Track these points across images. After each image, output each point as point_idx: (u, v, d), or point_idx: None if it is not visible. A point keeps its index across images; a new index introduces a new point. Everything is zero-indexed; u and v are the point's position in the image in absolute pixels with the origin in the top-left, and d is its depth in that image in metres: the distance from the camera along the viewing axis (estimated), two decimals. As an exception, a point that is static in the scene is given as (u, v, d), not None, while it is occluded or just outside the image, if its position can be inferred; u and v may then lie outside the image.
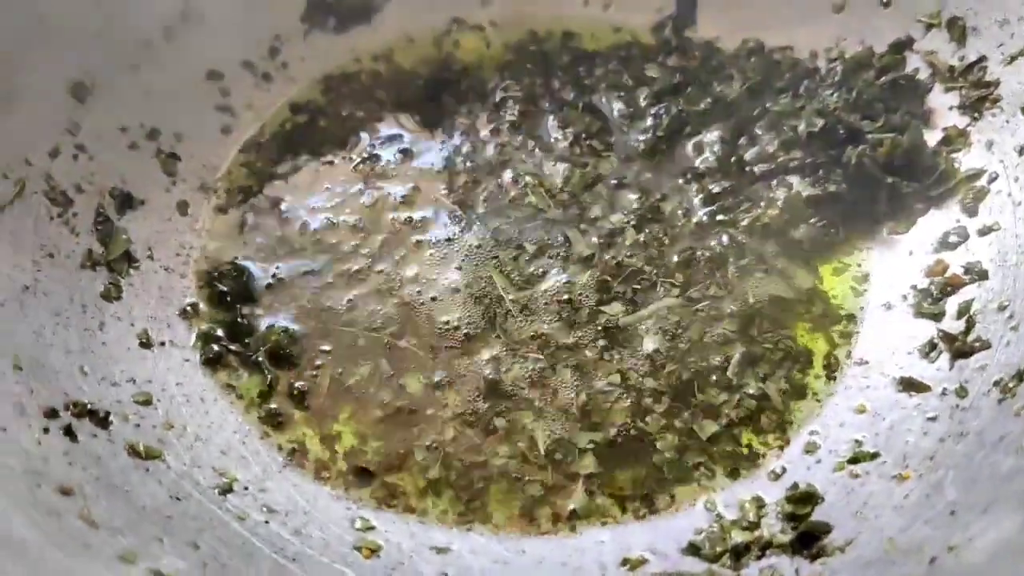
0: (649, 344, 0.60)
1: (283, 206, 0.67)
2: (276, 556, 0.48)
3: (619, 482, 0.55)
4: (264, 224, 0.66)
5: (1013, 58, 0.61)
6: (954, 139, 0.63)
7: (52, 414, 0.49)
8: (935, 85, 0.66)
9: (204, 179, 0.68)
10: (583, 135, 0.71)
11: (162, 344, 0.59)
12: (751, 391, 0.58)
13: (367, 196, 0.68)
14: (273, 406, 0.58)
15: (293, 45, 0.75)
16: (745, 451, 0.56)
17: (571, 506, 0.54)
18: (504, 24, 0.78)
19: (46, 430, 0.48)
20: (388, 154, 0.70)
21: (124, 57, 0.67)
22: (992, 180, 0.60)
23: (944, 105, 0.65)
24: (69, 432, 0.49)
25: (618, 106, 0.72)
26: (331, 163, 0.70)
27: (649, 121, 0.71)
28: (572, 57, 0.76)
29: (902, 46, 0.68)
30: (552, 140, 0.71)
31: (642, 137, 0.70)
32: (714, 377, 0.58)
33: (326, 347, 0.60)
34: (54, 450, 0.47)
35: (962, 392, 0.53)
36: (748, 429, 0.56)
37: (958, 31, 0.65)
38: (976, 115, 0.63)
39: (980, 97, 0.63)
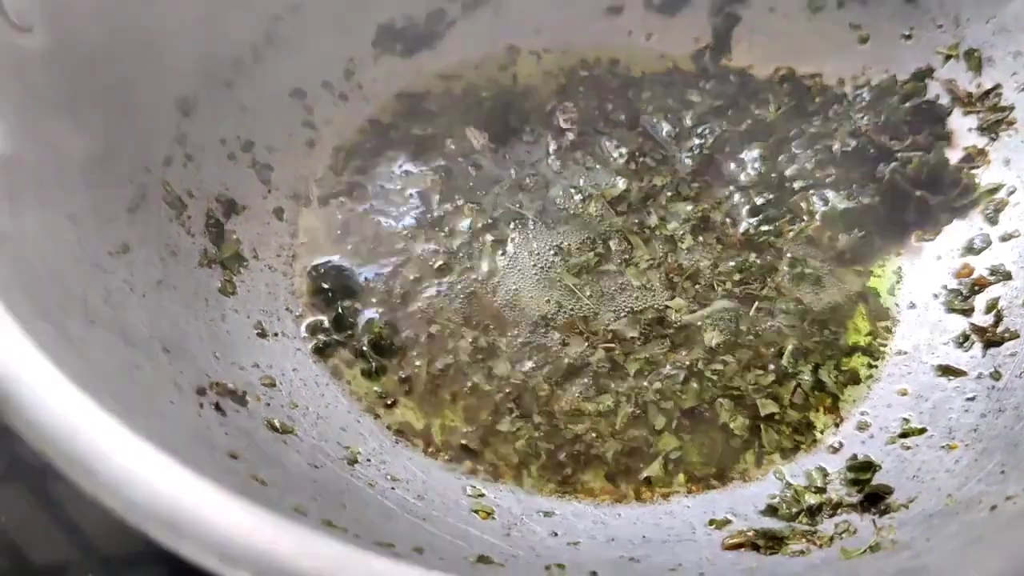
0: (711, 338, 0.67)
1: (371, 210, 0.73)
2: (409, 516, 0.53)
3: (695, 458, 0.61)
4: (355, 227, 0.73)
5: (1026, 86, 0.70)
6: (974, 157, 0.71)
7: (201, 392, 0.55)
8: (954, 109, 0.74)
9: (295, 188, 0.74)
10: (637, 152, 0.78)
11: (275, 335, 0.65)
12: (806, 377, 0.65)
13: (446, 204, 0.74)
14: (378, 390, 0.64)
15: (366, 67, 0.81)
16: (805, 429, 0.63)
17: (649, 475, 0.61)
18: (556, 51, 0.85)
19: (201, 405, 0.53)
20: (461, 167, 0.77)
21: (219, 75, 0.72)
22: (1011, 193, 0.68)
23: (964, 127, 0.73)
24: (218, 408, 0.54)
25: (666, 127, 0.80)
26: (410, 173, 0.76)
27: (695, 140, 0.79)
28: (620, 82, 0.83)
29: (923, 74, 0.76)
30: (610, 157, 0.78)
31: (690, 154, 0.78)
32: (771, 366, 0.65)
33: (421, 338, 0.67)
34: (212, 422, 0.52)
35: (996, 375, 0.60)
36: (806, 410, 0.63)
37: (975, 61, 0.73)
38: (994, 136, 0.71)
39: (997, 120, 0.71)
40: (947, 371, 0.63)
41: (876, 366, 0.65)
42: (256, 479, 0.47)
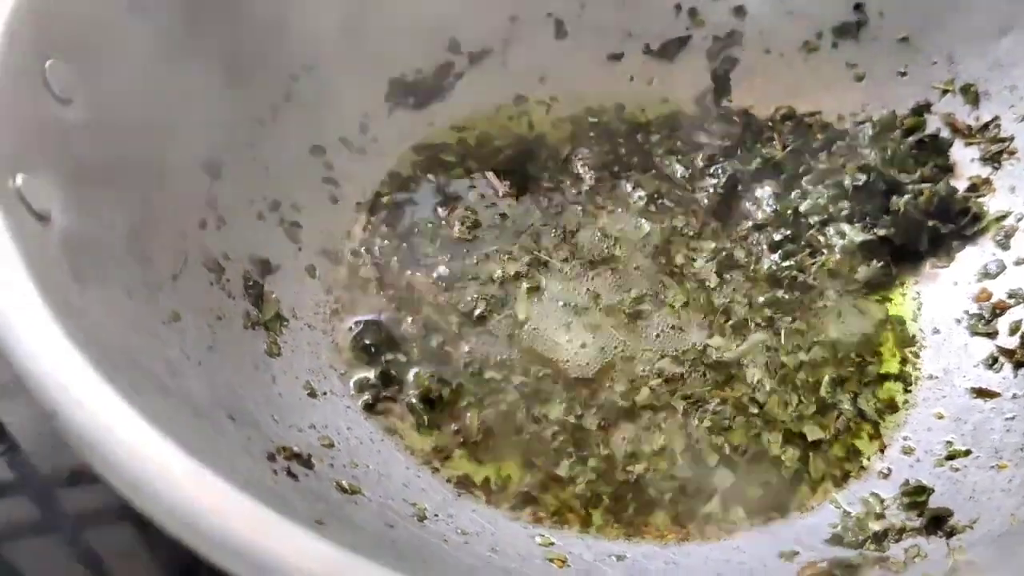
0: (753, 374, 0.68)
1: (402, 263, 0.74)
2: (488, 570, 0.54)
3: (752, 492, 0.63)
4: (389, 280, 0.73)
5: (1024, 117, 0.73)
6: (980, 186, 0.75)
7: (271, 458, 0.54)
8: (955, 141, 0.77)
9: (324, 245, 0.74)
10: (655, 194, 0.80)
11: (324, 394, 0.65)
12: (846, 406, 0.67)
13: (476, 254, 0.75)
14: (433, 444, 0.64)
15: (380, 121, 0.82)
16: (852, 457, 0.64)
17: (709, 512, 0.62)
18: (563, 99, 0.87)
19: (275, 472, 0.53)
20: (486, 217, 0.78)
21: (242, 136, 0.72)
22: (1019, 219, 0.72)
23: (966, 158, 0.77)
24: (290, 473, 0.54)
25: (680, 168, 0.82)
26: (436, 225, 0.77)
27: (709, 180, 0.81)
28: (628, 127, 0.86)
29: (922, 109, 0.79)
30: (629, 201, 0.79)
31: (706, 194, 0.80)
32: (812, 398, 0.67)
33: (470, 387, 0.67)
34: (288, 489, 0.52)
35: (1031, 395, 0.63)
36: (850, 437, 0.65)
37: (971, 96, 0.77)
38: (996, 165, 0.75)
39: (999, 151, 0.75)
40: (981, 393, 0.65)
41: (911, 391, 0.68)
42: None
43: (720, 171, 0.81)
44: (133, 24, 0.60)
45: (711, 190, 0.80)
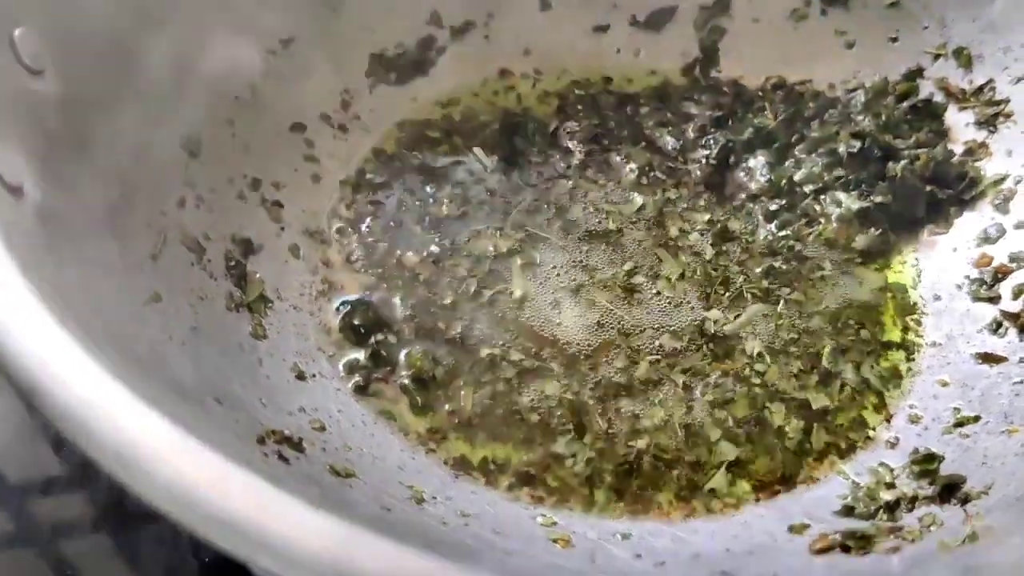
0: (752, 347, 0.67)
1: (390, 241, 0.71)
2: (492, 553, 0.51)
3: (757, 465, 0.61)
4: (377, 259, 0.71)
5: (1019, 79, 0.72)
6: (976, 150, 0.73)
7: (261, 441, 0.52)
8: (949, 106, 0.76)
9: (307, 224, 0.72)
10: (647, 167, 0.78)
11: (313, 376, 0.62)
12: (850, 376, 0.65)
13: (466, 230, 0.73)
14: (427, 426, 0.62)
15: (362, 97, 0.80)
16: (858, 427, 0.63)
17: (714, 487, 0.60)
18: (548, 73, 0.85)
19: (266, 455, 0.51)
20: (475, 193, 0.75)
21: (220, 113, 0.70)
22: (1018, 182, 0.70)
23: (961, 122, 0.75)
24: (281, 457, 0.52)
25: (671, 140, 0.80)
26: (424, 202, 0.74)
27: (701, 152, 0.79)
28: (616, 99, 0.84)
29: (914, 74, 0.78)
30: (621, 173, 0.77)
31: (698, 166, 0.78)
32: (814, 368, 0.66)
33: (464, 366, 0.65)
34: (279, 472, 0.50)
35: (1038, 358, 0.62)
36: (855, 408, 0.64)
37: (964, 59, 0.75)
38: (992, 129, 0.73)
39: (994, 114, 0.73)
40: (987, 358, 0.64)
41: (914, 359, 0.66)
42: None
43: (712, 142, 0.79)
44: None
45: (703, 161, 0.78)
